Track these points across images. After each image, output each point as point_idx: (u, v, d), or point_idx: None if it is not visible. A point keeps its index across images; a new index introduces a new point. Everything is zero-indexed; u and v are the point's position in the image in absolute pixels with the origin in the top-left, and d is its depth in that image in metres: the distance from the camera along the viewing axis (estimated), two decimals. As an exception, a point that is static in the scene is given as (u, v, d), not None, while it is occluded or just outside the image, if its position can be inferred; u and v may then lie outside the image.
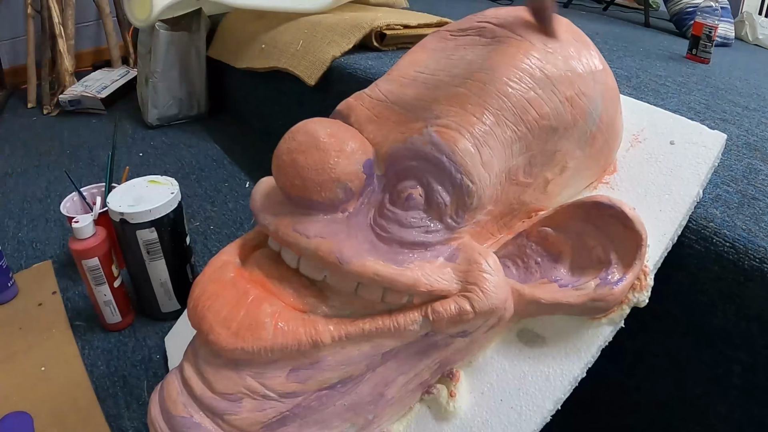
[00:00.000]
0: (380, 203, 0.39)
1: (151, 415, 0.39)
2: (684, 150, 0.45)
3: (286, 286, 0.41)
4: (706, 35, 1.07)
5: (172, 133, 1.28)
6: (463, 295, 0.36)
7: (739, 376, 0.41)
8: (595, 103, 0.41)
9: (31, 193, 1.01)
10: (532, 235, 0.41)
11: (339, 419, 0.40)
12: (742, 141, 0.60)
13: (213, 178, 1.06)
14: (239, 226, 0.90)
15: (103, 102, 1.39)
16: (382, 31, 0.93)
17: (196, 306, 0.39)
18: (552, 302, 0.38)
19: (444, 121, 0.38)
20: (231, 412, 0.37)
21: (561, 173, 0.42)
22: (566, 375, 0.38)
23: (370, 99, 0.44)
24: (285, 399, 0.38)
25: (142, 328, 0.67)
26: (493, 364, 0.41)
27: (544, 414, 0.37)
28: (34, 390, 0.57)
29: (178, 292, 0.67)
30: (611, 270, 0.37)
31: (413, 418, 0.42)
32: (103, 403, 0.56)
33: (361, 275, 0.36)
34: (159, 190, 0.63)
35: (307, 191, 0.37)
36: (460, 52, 0.44)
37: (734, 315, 0.41)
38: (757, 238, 0.40)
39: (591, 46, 0.44)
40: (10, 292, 0.71)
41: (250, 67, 1.09)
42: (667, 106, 0.63)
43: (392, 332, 0.37)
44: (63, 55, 1.44)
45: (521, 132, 0.39)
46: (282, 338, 0.37)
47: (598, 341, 0.38)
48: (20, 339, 0.64)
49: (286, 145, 0.38)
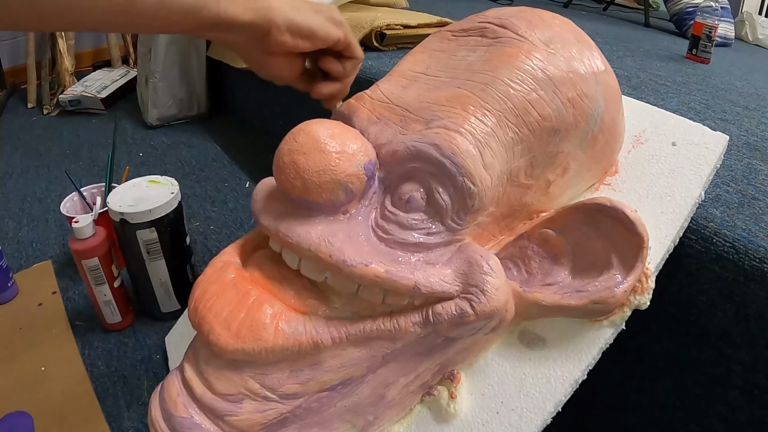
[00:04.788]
0: (381, 205, 0.39)
1: (152, 415, 0.39)
2: (686, 151, 0.45)
3: (287, 288, 0.41)
4: (706, 35, 1.07)
5: (172, 133, 1.28)
6: (464, 297, 0.36)
7: (739, 376, 0.41)
8: (596, 105, 0.41)
9: (31, 193, 1.01)
10: (533, 236, 0.41)
11: (339, 420, 0.40)
12: (742, 141, 0.60)
13: (213, 178, 1.06)
14: (239, 226, 0.90)
15: (103, 102, 1.39)
16: (382, 31, 0.93)
17: (197, 307, 0.39)
18: (553, 304, 0.38)
19: (445, 123, 0.38)
20: (231, 412, 0.37)
21: (562, 175, 0.42)
22: (567, 377, 0.38)
23: (372, 100, 0.44)
24: (285, 400, 0.38)
25: (142, 328, 0.67)
26: (493, 365, 0.41)
27: (544, 416, 0.37)
28: (34, 390, 0.57)
29: (178, 292, 0.67)
30: (613, 272, 0.37)
31: (414, 419, 0.42)
32: (103, 403, 0.56)
33: (362, 277, 0.36)
34: (159, 190, 0.63)
35: (308, 192, 0.37)
36: (462, 53, 0.44)
37: (734, 315, 0.41)
38: (757, 238, 0.40)
39: (593, 47, 0.44)
40: (10, 292, 0.71)
41: (250, 67, 1.09)
42: (667, 106, 0.63)
43: (393, 334, 0.37)
44: (63, 55, 1.44)
45: (523, 133, 0.39)
46: (283, 339, 0.37)
47: (599, 343, 0.38)
48: (20, 339, 0.64)
49: (287, 146, 0.38)
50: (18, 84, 1.57)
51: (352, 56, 0.45)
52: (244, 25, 0.37)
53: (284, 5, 0.39)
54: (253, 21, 0.38)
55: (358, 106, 0.43)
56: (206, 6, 0.35)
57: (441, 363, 0.40)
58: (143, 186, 0.64)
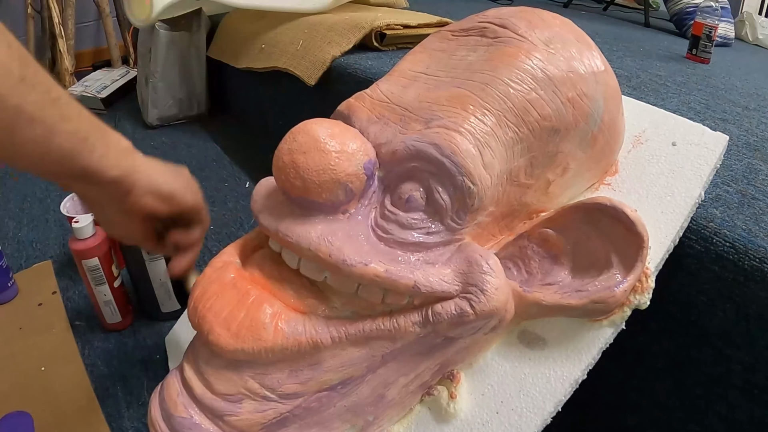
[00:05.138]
0: (381, 204, 0.39)
1: (151, 415, 0.39)
2: (686, 151, 0.45)
3: (287, 287, 0.41)
4: (706, 35, 1.07)
5: (172, 133, 1.28)
6: (463, 296, 0.36)
7: (739, 376, 0.41)
8: (596, 104, 0.41)
9: (31, 193, 1.01)
10: (533, 236, 0.41)
11: (339, 420, 0.40)
12: (742, 141, 0.60)
13: (213, 178, 1.06)
14: (239, 226, 0.90)
15: (103, 102, 1.39)
16: (382, 31, 0.93)
17: (197, 306, 0.39)
18: (553, 304, 0.38)
19: (445, 122, 0.38)
20: (231, 412, 0.37)
21: (562, 174, 0.42)
22: (567, 377, 0.38)
23: (371, 99, 0.44)
24: (285, 400, 0.38)
25: (142, 328, 0.67)
26: (493, 365, 0.41)
27: (544, 416, 0.37)
28: (34, 390, 0.57)
29: (178, 292, 0.67)
30: (613, 272, 0.37)
31: (413, 419, 0.42)
32: (103, 403, 0.56)
33: (361, 276, 0.36)
34: (159, 191, 0.63)
35: (307, 192, 0.37)
36: (462, 53, 0.44)
37: (734, 315, 0.41)
38: (757, 238, 0.40)
39: (593, 47, 0.44)
40: (10, 292, 0.71)
41: (250, 67, 1.09)
42: (667, 107, 0.63)
43: (393, 333, 0.37)
44: (63, 55, 1.44)
45: (523, 133, 0.39)
46: (282, 339, 0.37)
47: (599, 343, 0.38)
48: (20, 339, 0.64)
49: (286, 146, 0.38)
50: (18, 84, 1.57)
51: (201, 221, 0.46)
52: (110, 180, 0.37)
53: (149, 167, 0.40)
54: (118, 178, 0.37)
55: (357, 106, 0.43)
56: (81, 154, 0.35)
57: (441, 363, 0.40)
58: (143, 186, 0.64)
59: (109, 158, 0.36)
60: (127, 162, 0.38)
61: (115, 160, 0.37)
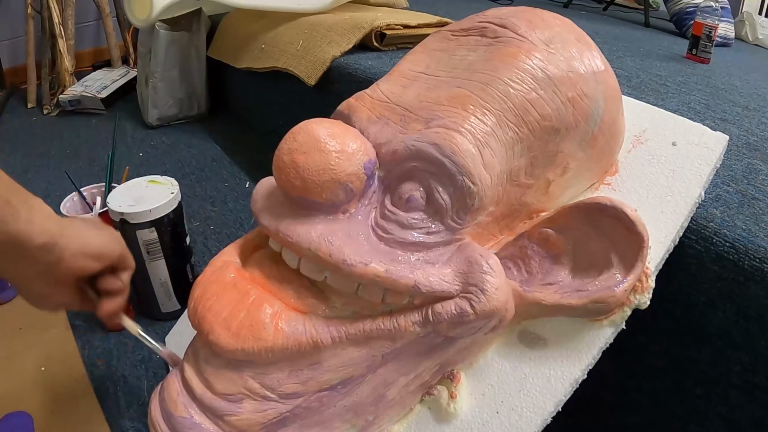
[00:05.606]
0: (381, 204, 0.39)
1: (152, 415, 0.39)
2: (686, 151, 0.45)
3: (287, 287, 0.41)
4: (706, 35, 1.07)
5: (172, 133, 1.28)
6: (463, 296, 0.36)
7: (739, 376, 0.41)
8: (596, 104, 0.41)
9: (31, 192, 1.00)
10: (533, 236, 0.41)
11: (339, 420, 0.40)
12: (742, 141, 0.60)
13: (213, 178, 1.06)
14: (239, 226, 0.90)
15: (103, 102, 1.39)
16: (382, 31, 0.93)
17: (197, 306, 0.39)
18: (553, 304, 0.38)
19: (445, 122, 0.38)
20: (231, 412, 0.37)
21: (562, 174, 0.42)
22: (567, 377, 0.38)
23: (371, 99, 0.44)
24: (285, 400, 0.38)
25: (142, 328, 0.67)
26: (493, 365, 0.41)
27: (544, 416, 0.37)
28: (34, 390, 0.57)
29: (178, 292, 0.67)
30: (613, 272, 0.37)
31: (414, 419, 0.42)
32: (103, 403, 0.56)
33: (361, 276, 0.36)
34: (159, 190, 0.63)
35: (307, 192, 0.37)
36: (462, 53, 0.44)
37: (734, 315, 0.41)
38: (757, 238, 0.40)
39: (593, 47, 0.44)
40: (11, 292, 0.71)
41: (250, 67, 1.09)
42: (667, 106, 0.63)
43: (393, 333, 0.37)
44: (63, 55, 1.44)
45: (523, 133, 0.39)
46: (282, 339, 0.37)
47: (599, 343, 0.38)
48: (20, 339, 0.64)
49: (286, 146, 0.38)
50: (18, 84, 1.57)
51: (127, 267, 0.45)
52: (39, 246, 0.35)
53: (73, 228, 0.38)
54: (46, 244, 0.35)
55: (357, 106, 0.43)
56: (5, 219, 0.33)
57: (441, 363, 0.40)
58: (143, 186, 0.64)
59: (34, 223, 0.34)
60: (53, 226, 0.36)
61: (40, 225, 0.35)
